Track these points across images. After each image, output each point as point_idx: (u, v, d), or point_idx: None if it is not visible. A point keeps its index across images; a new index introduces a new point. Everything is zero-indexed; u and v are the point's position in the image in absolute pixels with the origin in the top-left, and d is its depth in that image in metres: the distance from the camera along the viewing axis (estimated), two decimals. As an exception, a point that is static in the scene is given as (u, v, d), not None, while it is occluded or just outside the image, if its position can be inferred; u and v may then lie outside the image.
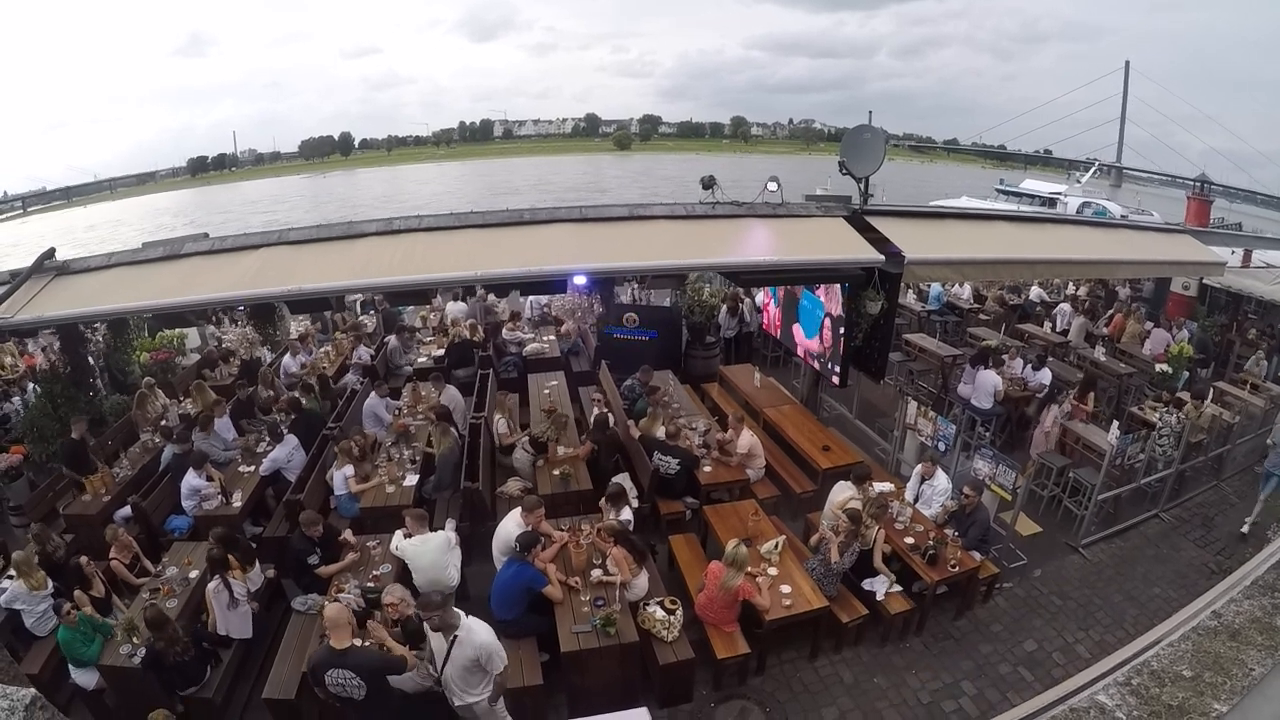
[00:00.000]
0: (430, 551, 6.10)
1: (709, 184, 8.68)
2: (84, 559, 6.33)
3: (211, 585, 5.96)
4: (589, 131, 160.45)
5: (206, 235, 9.13)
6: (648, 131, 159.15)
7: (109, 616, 6.12)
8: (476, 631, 4.74)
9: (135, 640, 5.64)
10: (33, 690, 0.86)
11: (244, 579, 6.22)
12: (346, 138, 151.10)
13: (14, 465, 9.33)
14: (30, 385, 11.39)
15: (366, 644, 4.80)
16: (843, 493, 7.19)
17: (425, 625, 4.90)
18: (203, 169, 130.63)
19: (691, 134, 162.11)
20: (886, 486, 7.67)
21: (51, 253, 8.47)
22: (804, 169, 58.19)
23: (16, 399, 11.43)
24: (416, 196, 70.27)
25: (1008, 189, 37.13)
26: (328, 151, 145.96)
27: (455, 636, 4.70)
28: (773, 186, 8.72)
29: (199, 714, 5.62)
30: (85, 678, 5.71)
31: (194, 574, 6.51)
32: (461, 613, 4.83)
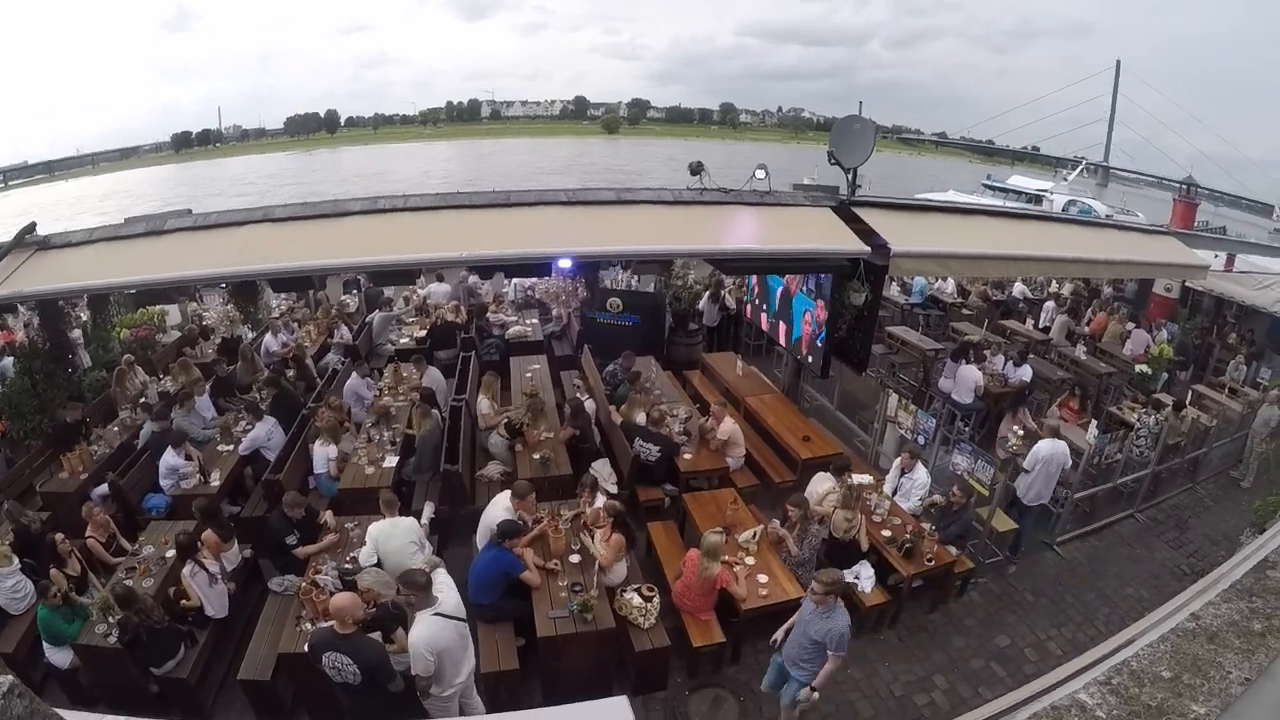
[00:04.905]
0: (398, 535, 6.07)
1: (697, 170, 8.65)
2: (59, 536, 6.28)
3: (186, 570, 5.92)
4: (577, 114, 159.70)
5: (190, 211, 9.00)
6: (636, 115, 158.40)
7: (85, 595, 6.08)
8: (414, 627, 4.70)
9: (111, 620, 5.59)
10: (11, 677, 0.88)
11: (219, 558, 6.17)
12: (333, 115, 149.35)
13: None
14: (8, 360, 11.25)
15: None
16: (822, 484, 7.23)
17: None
18: (187, 145, 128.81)
19: (680, 119, 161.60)
20: (865, 479, 7.72)
21: (32, 227, 8.34)
22: (793, 157, 58.11)
23: None
24: (403, 175, 69.68)
25: (995, 184, 37.20)
26: (314, 129, 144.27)
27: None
28: (760, 174, 8.71)
29: (174, 693, 5.60)
30: (60, 657, 5.68)
31: (170, 553, 6.44)
32: (439, 598, 4.81)
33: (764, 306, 11.33)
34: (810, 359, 9.64)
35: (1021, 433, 8.67)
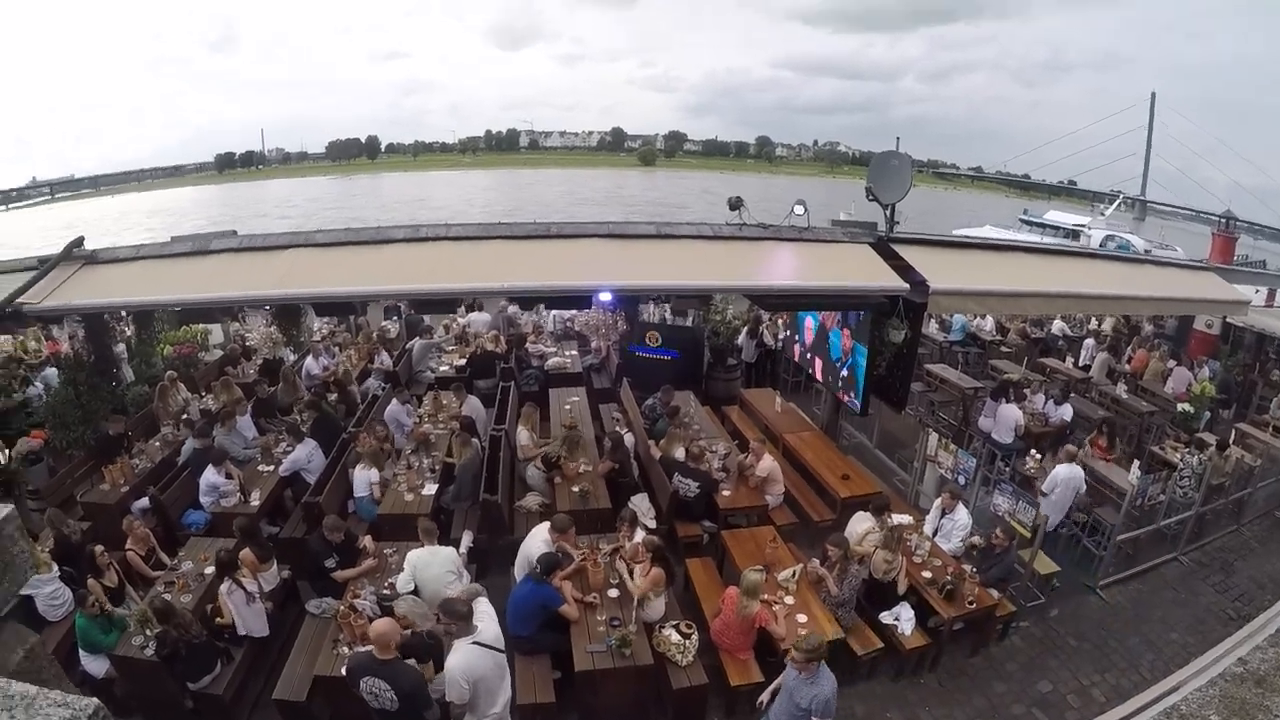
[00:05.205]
0: (436, 563, 6.09)
1: (736, 205, 8.68)
2: (99, 549, 6.38)
3: (223, 588, 5.97)
4: (614, 145, 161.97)
5: (235, 233, 9.23)
6: (673, 148, 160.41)
7: (121, 606, 6.17)
8: (452, 655, 4.71)
9: (148, 632, 5.66)
10: (96, 700, 0.92)
11: (257, 577, 6.22)
12: (373, 141, 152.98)
13: (34, 449, 9.40)
14: (52, 370, 11.50)
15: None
16: (862, 523, 7.15)
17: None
18: (230, 166, 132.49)
19: (716, 152, 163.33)
20: (905, 519, 7.62)
21: (80, 241, 8.55)
22: (829, 192, 58.29)
23: (40, 384, 11.56)
24: (444, 202, 70.72)
25: (1031, 220, 37.05)
26: (354, 154, 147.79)
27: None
28: (799, 210, 8.72)
29: (209, 709, 5.64)
30: (96, 665, 5.76)
31: (209, 570, 6.53)
32: (479, 628, 4.81)
33: (795, 337, 11.31)
34: (840, 386, 9.57)
35: (1040, 456, 8.70)
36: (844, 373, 9.39)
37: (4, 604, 1.11)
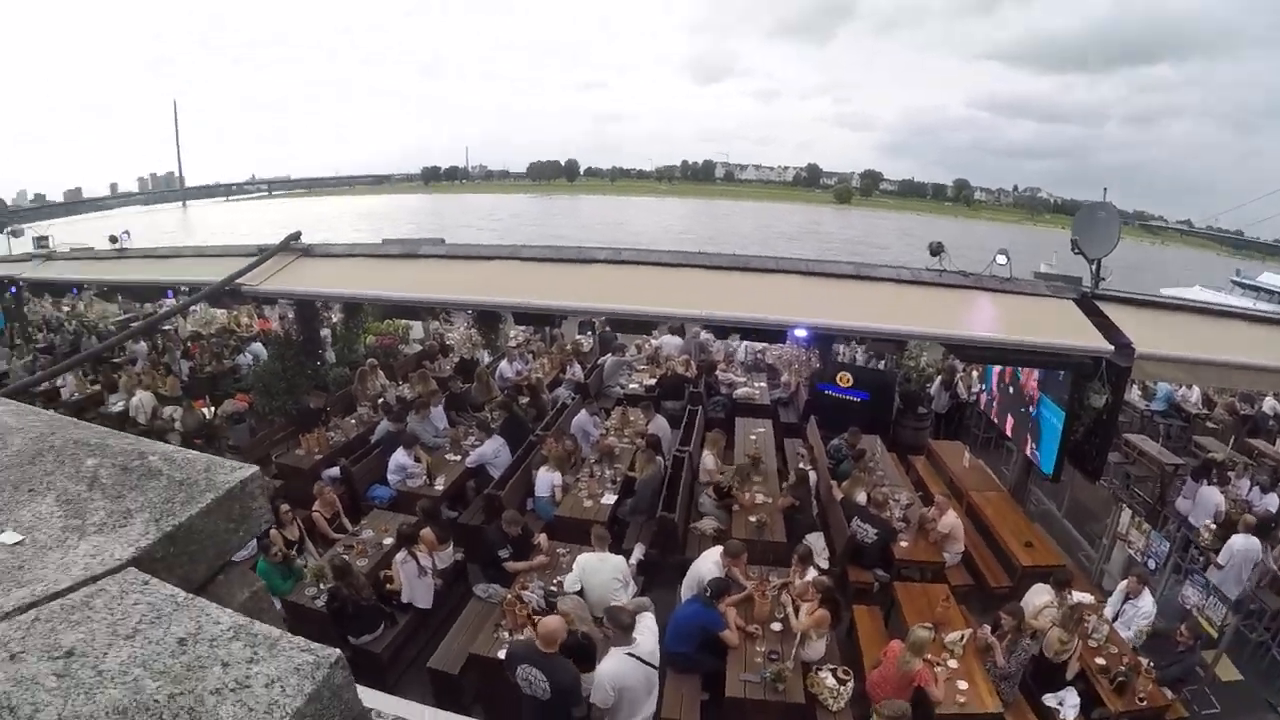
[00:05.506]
0: (605, 570, 6.31)
1: (937, 250, 8.50)
2: (285, 506, 7.07)
3: (399, 556, 6.46)
4: (809, 181, 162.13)
5: (443, 240, 9.99)
6: (868, 187, 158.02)
7: (299, 559, 6.84)
8: (605, 660, 4.90)
9: (322, 586, 6.24)
10: (338, 651, 0.97)
11: (433, 555, 6.67)
12: (573, 164, 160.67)
13: (239, 411, 10.65)
14: (259, 345, 12.96)
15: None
16: (1040, 596, 6.75)
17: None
18: (435, 178, 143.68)
19: (913, 192, 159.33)
20: (1086, 598, 7.09)
21: (297, 235, 9.59)
22: (1030, 240, 55.21)
23: (249, 355, 13.04)
24: (642, 227, 72.93)
25: (1245, 281, 33.45)
26: (553, 175, 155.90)
27: None
28: (1001, 260, 8.42)
29: (363, 663, 5.97)
30: (268, 608, 6.42)
31: (388, 540, 7.09)
32: (637, 640, 5.00)
33: (984, 389, 10.90)
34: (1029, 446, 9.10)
35: (1215, 526, 8.13)
36: (1036, 433, 8.97)
37: (238, 550, 1.34)
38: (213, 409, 10.79)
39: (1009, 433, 10.11)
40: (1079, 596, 6.95)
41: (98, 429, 1.61)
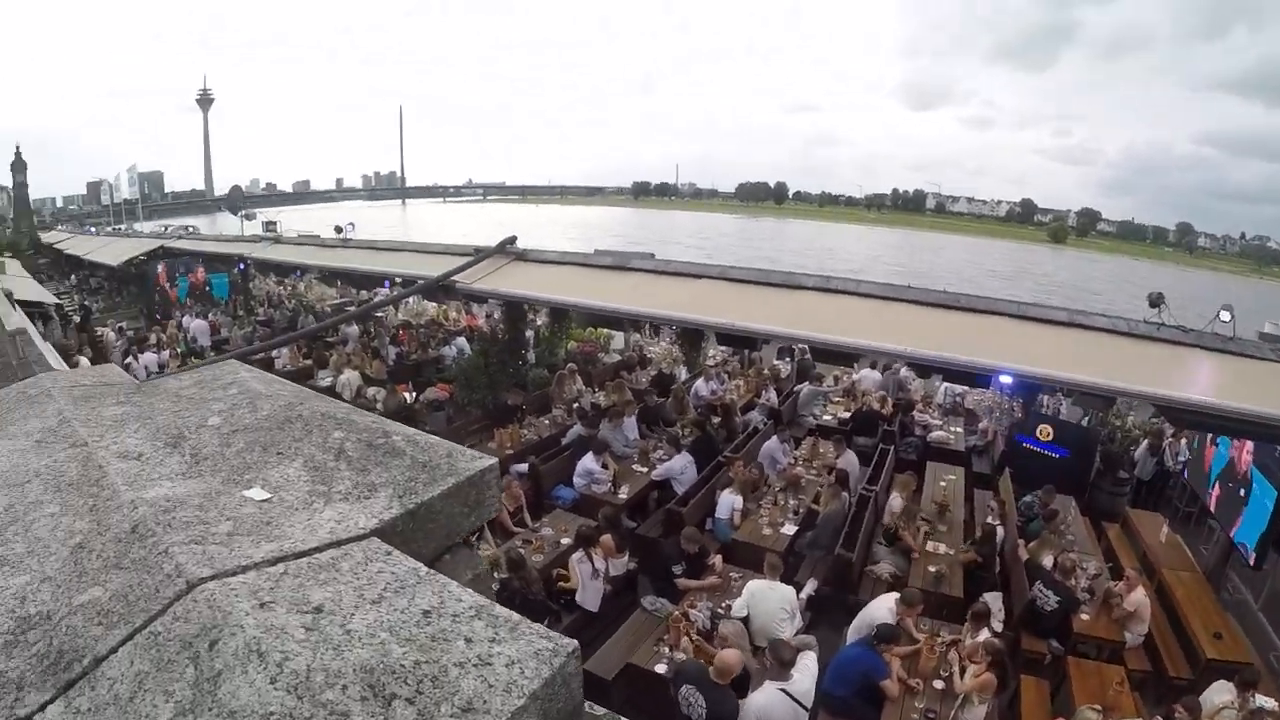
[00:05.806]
0: (773, 599, 6.14)
1: (1156, 302, 7.64)
2: None
3: (575, 556, 6.61)
4: (1023, 217, 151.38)
5: (652, 255, 10.22)
6: (1085, 226, 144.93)
7: (476, 545, 7.16)
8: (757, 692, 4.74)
9: (496, 574, 6.34)
10: (575, 642, 0.97)
11: (608, 561, 6.76)
12: (781, 187, 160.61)
13: (440, 399, 11.40)
14: (463, 340, 13.85)
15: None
16: (1221, 694, 5.79)
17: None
18: (645, 193, 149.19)
19: (1132, 235, 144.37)
20: (1270, 703, 6.01)
21: (513, 240, 10.15)
22: (1256, 295, 48.50)
23: (452, 348, 13.99)
24: (852, 255, 72.01)
25: None
26: (761, 197, 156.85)
27: None
28: (1225, 316, 7.41)
29: None
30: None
31: (565, 541, 7.26)
32: (794, 678, 4.86)
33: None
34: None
35: None
36: (1242, 512, 8.00)
37: (468, 532, 1.35)
38: (414, 394, 11.66)
39: (1214, 509, 8.95)
40: (1263, 701, 5.90)
41: (341, 404, 1.74)
